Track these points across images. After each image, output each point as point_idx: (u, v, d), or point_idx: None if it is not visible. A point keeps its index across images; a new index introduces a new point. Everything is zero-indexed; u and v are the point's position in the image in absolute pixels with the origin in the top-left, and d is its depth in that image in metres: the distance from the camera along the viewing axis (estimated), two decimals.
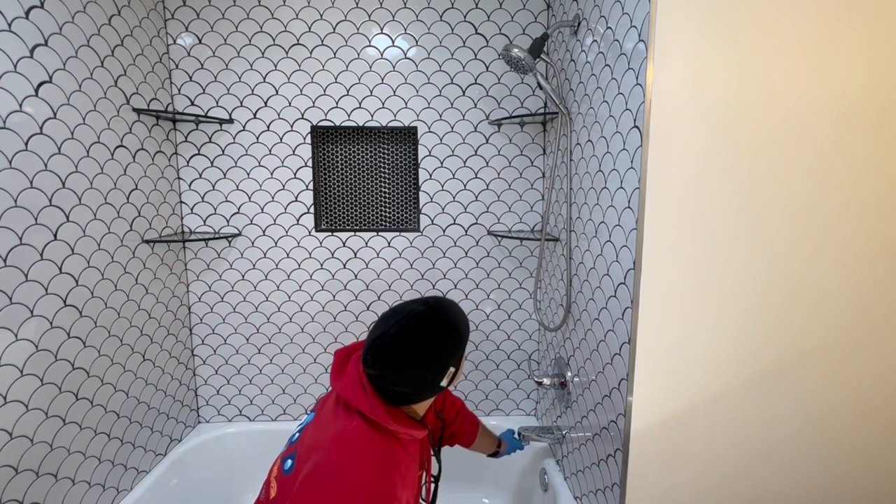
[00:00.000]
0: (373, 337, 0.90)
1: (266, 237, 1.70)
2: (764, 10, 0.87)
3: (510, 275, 1.76)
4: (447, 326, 0.92)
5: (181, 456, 1.61)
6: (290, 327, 1.76)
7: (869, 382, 1.01)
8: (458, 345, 0.93)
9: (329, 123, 1.65)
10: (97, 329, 1.26)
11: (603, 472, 1.12)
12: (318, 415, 0.96)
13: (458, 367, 0.94)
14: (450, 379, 0.93)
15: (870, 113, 0.92)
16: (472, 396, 1.84)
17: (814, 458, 1.03)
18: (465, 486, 1.73)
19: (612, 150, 1.06)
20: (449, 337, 0.91)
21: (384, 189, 1.74)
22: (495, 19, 1.63)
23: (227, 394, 1.79)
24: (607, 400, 1.09)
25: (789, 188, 0.92)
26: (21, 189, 1.04)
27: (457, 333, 0.93)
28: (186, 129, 1.63)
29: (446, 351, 0.90)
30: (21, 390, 1.04)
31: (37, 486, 1.07)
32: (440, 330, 0.91)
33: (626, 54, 0.97)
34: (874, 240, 0.96)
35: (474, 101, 1.66)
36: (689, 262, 0.93)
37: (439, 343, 0.90)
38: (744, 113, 0.89)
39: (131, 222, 1.40)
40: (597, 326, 1.16)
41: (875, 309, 0.98)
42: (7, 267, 1.01)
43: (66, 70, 1.16)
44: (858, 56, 0.90)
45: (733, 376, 0.98)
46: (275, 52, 1.61)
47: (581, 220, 1.27)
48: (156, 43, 1.52)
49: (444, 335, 0.91)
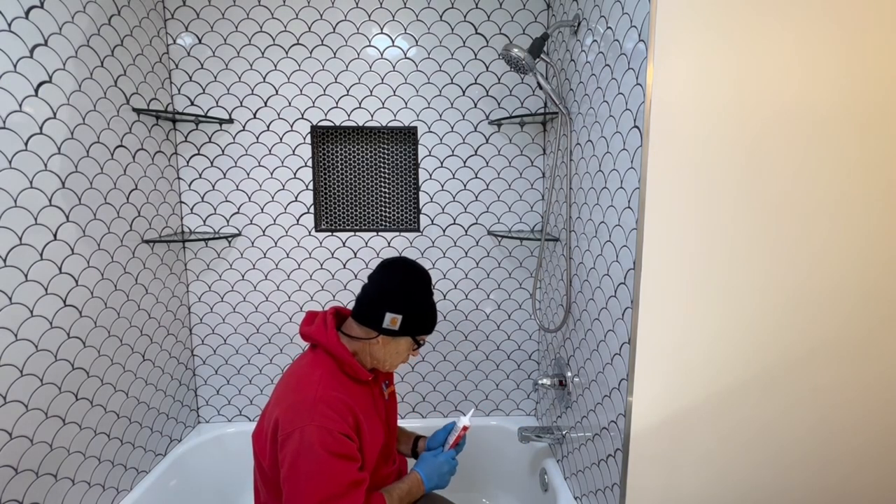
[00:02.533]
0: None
1: (266, 237, 1.70)
2: (764, 10, 0.87)
3: (510, 275, 1.76)
4: (413, 268, 1.13)
5: (181, 456, 1.61)
6: (290, 327, 1.76)
7: (870, 383, 1.01)
8: (417, 287, 1.10)
9: (329, 123, 1.65)
10: (97, 329, 1.26)
11: (603, 472, 1.12)
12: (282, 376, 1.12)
13: (402, 328, 1.07)
14: (391, 326, 1.06)
15: (870, 112, 0.92)
16: (472, 396, 1.84)
17: (815, 459, 1.03)
18: (465, 486, 1.73)
19: (612, 150, 1.06)
20: (413, 274, 1.11)
21: (384, 189, 1.74)
22: (495, 19, 1.63)
23: (227, 394, 1.79)
24: (607, 400, 1.09)
25: (789, 188, 0.92)
26: (21, 189, 1.04)
27: (418, 274, 1.12)
28: (186, 129, 1.63)
29: (410, 288, 1.09)
30: (21, 390, 1.04)
31: (37, 486, 1.07)
32: (407, 269, 1.12)
33: (626, 54, 0.97)
34: (876, 239, 0.96)
35: (474, 101, 1.66)
36: (689, 262, 0.93)
37: (404, 276, 1.10)
38: (744, 112, 0.89)
39: (131, 222, 1.40)
40: (597, 326, 1.16)
41: (876, 309, 0.98)
42: (7, 267, 1.01)
43: (66, 70, 1.16)
44: (858, 54, 0.90)
45: (734, 376, 0.98)
46: (275, 52, 1.61)
47: (581, 220, 1.27)
48: (156, 43, 1.52)
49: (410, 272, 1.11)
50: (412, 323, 1.08)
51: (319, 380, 1.00)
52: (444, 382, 1.82)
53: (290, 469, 0.93)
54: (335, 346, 1.05)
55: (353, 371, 1.07)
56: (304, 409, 0.95)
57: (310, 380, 1.01)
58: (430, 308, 1.12)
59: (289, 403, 0.97)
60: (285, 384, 1.05)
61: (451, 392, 1.83)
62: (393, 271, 1.10)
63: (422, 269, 1.13)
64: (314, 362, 1.06)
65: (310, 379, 1.01)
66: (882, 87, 0.92)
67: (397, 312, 1.06)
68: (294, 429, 0.93)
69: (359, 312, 1.09)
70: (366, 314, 1.07)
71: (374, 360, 1.11)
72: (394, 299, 1.06)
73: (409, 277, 1.10)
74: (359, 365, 1.08)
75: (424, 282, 1.12)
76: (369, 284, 1.11)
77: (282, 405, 0.98)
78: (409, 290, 1.09)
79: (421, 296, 1.10)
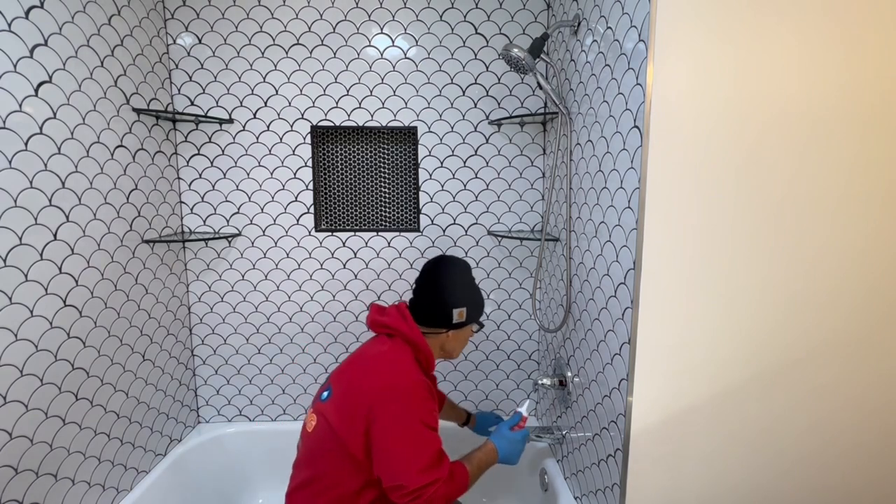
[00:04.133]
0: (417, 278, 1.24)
1: (266, 237, 1.70)
2: (763, 10, 0.87)
3: (510, 275, 1.76)
4: (458, 262, 1.23)
5: (181, 456, 1.61)
6: (290, 327, 1.76)
7: (870, 383, 1.01)
8: (467, 278, 1.21)
9: (329, 123, 1.65)
10: (97, 329, 1.26)
11: (603, 472, 1.12)
12: (352, 357, 1.20)
13: (468, 317, 1.19)
14: (459, 320, 1.18)
15: (870, 112, 0.92)
16: (473, 397, 1.84)
17: (815, 459, 1.03)
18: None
19: (612, 150, 1.06)
20: (460, 267, 1.22)
21: (384, 189, 1.74)
22: (495, 19, 1.63)
23: (227, 394, 1.79)
24: (607, 400, 1.09)
25: (789, 187, 0.92)
26: (21, 189, 1.04)
27: (464, 266, 1.23)
28: (186, 129, 1.63)
29: (462, 280, 1.20)
30: (21, 390, 1.04)
31: (37, 486, 1.07)
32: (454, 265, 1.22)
33: (626, 54, 0.97)
34: (876, 239, 0.96)
35: (474, 101, 1.66)
36: (689, 262, 0.93)
37: (454, 273, 1.20)
38: (744, 112, 0.89)
39: (131, 222, 1.40)
40: (597, 326, 1.16)
41: (876, 309, 0.98)
42: (7, 267, 1.01)
43: (66, 70, 1.16)
44: (858, 54, 0.90)
45: (734, 376, 0.98)
46: (275, 52, 1.61)
47: (581, 220, 1.27)
48: (156, 43, 1.52)
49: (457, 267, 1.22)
50: (474, 310, 1.21)
51: (411, 368, 1.11)
52: (444, 382, 1.82)
53: (391, 440, 1.02)
54: (421, 340, 1.15)
55: (426, 364, 1.18)
56: (404, 388, 1.06)
57: (403, 367, 1.11)
58: (480, 291, 1.25)
59: (386, 382, 1.07)
60: (372, 365, 1.12)
61: (451, 392, 1.83)
62: (444, 271, 1.20)
63: (462, 260, 1.24)
64: (398, 349, 1.14)
65: (402, 366, 1.11)
66: (882, 87, 0.92)
67: (462, 305, 1.18)
68: (396, 404, 1.03)
69: (426, 316, 1.18)
70: (433, 315, 1.18)
71: (444, 352, 1.24)
72: (455, 295, 1.18)
73: (458, 270, 1.21)
74: (434, 359, 1.20)
75: (468, 269, 1.24)
76: (425, 289, 1.20)
77: (379, 382, 1.07)
78: (463, 281, 1.21)
79: (472, 284, 1.23)
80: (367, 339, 1.27)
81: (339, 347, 1.78)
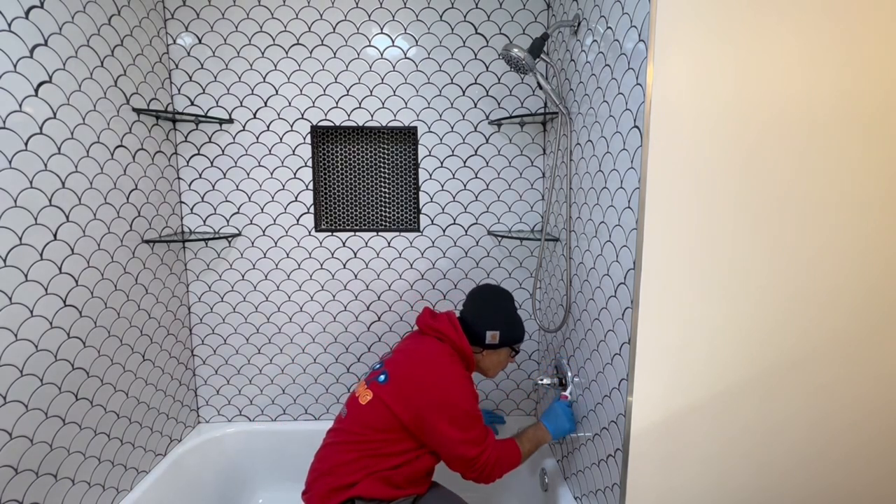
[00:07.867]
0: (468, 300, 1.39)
1: (266, 237, 1.70)
2: (763, 10, 0.87)
3: (510, 275, 1.76)
4: (498, 290, 1.39)
5: (181, 456, 1.61)
6: (290, 327, 1.76)
7: (870, 383, 1.01)
8: (504, 304, 1.35)
9: (329, 123, 1.65)
10: (97, 329, 1.26)
11: (603, 472, 1.12)
12: (403, 346, 1.34)
13: (501, 340, 1.32)
14: (492, 342, 1.31)
15: (870, 112, 0.92)
16: None
17: (815, 459, 1.03)
18: (465, 485, 1.73)
19: (612, 150, 1.06)
20: (498, 293, 1.37)
21: (384, 189, 1.74)
22: (495, 19, 1.63)
23: (227, 394, 1.79)
24: (607, 400, 1.09)
25: (790, 187, 0.92)
26: (21, 189, 1.04)
27: (503, 293, 1.38)
28: (186, 129, 1.63)
29: (498, 306, 1.34)
30: (21, 390, 1.04)
31: (37, 487, 1.07)
32: (493, 291, 1.38)
33: (626, 54, 0.97)
34: (876, 239, 0.96)
35: (474, 101, 1.66)
36: (690, 262, 0.93)
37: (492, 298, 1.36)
38: (744, 112, 0.89)
39: (131, 222, 1.40)
40: (597, 326, 1.16)
41: (876, 309, 0.98)
42: (7, 267, 1.01)
43: (66, 70, 1.16)
44: (858, 54, 0.90)
45: (734, 376, 0.98)
46: (275, 52, 1.61)
47: (581, 220, 1.27)
48: (156, 43, 1.52)
49: (495, 293, 1.38)
50: (507, 335, 1.33)
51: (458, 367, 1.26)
52: None
53: (447, 421, 1.17)
54: (467, 348, 1.29)
55: (469, 368, 1.33)
56: (454, 381, 1.21)
57: (452, 369, 1.24)
58: (518, 320, 1.36)
59: (441, 374, 1.22)
60: (427, 360, 1.25)
61: None
62: (483, 297, 1.35)
63: (503, 290, 1.38)
64: (447, 351, 1.27)
65: (451, 368, 1.24)
66: (882, 87, 0.91)
67: (495, 329, 1.31)
68: (449, 394, 1.19)
69: (466, 333, 1.32)
70: (470, 333, 1.31)
71: (480, 369, 1.38)
72: (489, 319, 1.31)
73: (495, 298, 1.35)
74: (475, 367, 1.35)
75: (508, 299, 1.37)
76: (466, 312, 1.35)
77: (433, 374, 1.21)
78: (498, 307, 1.34)
79: (509, 312, 1.35)
80: (411, 333, 1.40)
81: (338, 347, 1.78)
